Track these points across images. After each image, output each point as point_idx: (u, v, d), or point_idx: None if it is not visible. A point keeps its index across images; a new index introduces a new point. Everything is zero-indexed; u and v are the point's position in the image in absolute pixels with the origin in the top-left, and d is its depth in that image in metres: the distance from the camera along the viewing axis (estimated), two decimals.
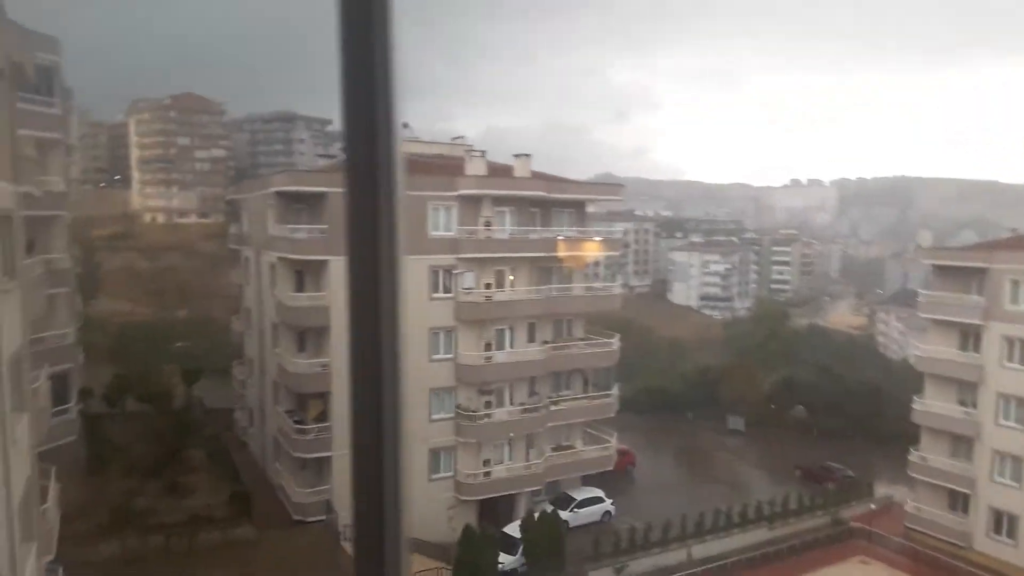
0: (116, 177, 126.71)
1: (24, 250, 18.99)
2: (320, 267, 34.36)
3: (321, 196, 34.27)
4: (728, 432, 56.47)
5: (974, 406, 37.98)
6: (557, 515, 33.73)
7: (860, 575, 35.87)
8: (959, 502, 38.89)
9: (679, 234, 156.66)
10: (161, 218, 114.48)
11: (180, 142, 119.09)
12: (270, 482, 38.17)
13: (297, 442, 34.53)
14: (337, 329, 34.22)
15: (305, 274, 35.58)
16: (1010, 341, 36.50)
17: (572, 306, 39.88)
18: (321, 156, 51.18)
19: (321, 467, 34.84)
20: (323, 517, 33.75)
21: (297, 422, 34.95)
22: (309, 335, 35.68)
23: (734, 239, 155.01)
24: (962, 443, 38.82)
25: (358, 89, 1.21)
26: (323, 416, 34.74)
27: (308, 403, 35.42)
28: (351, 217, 1.25)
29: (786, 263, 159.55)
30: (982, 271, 37.78)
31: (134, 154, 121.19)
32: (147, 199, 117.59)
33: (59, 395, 26.16)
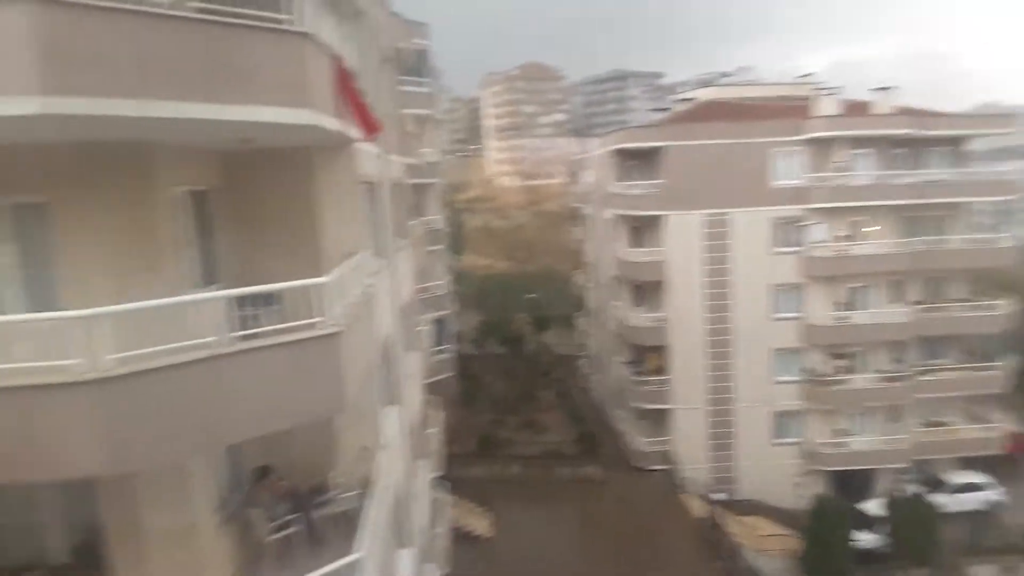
0: (473, 146, 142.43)
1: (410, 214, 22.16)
2: (656, 222, 34.39)
3: (656, 151, 34.11)
4: None
5: None
6: (927, 498, 29.68)
7: None
8: None
9: None
10: (512, 181, 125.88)
11: (526, 110, 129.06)
12: (611, 427, 40.00)
13: (636, 393, 35.54)
14: (674, 284, 34.10)
15: (642, 229, 35.95)
16: None
17: (948, 261, 34.03)
18: (654, 110, 50.88)
19: (660, 418, 35.41)
20: (662, 467, 34.45)
21: (636, 373, 35.92)
22: (646, 289, 36.13)
23: None
24: None
25: None
26: (661, 369, 35.16)
27: (646, 355, 36.10)
28: None
29: None
30: None
31: (487, 124, 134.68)
32: (500, 164, 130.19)
33: (438, 337, 30.60)
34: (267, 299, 7.85)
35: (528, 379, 46.99)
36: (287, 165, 9.54)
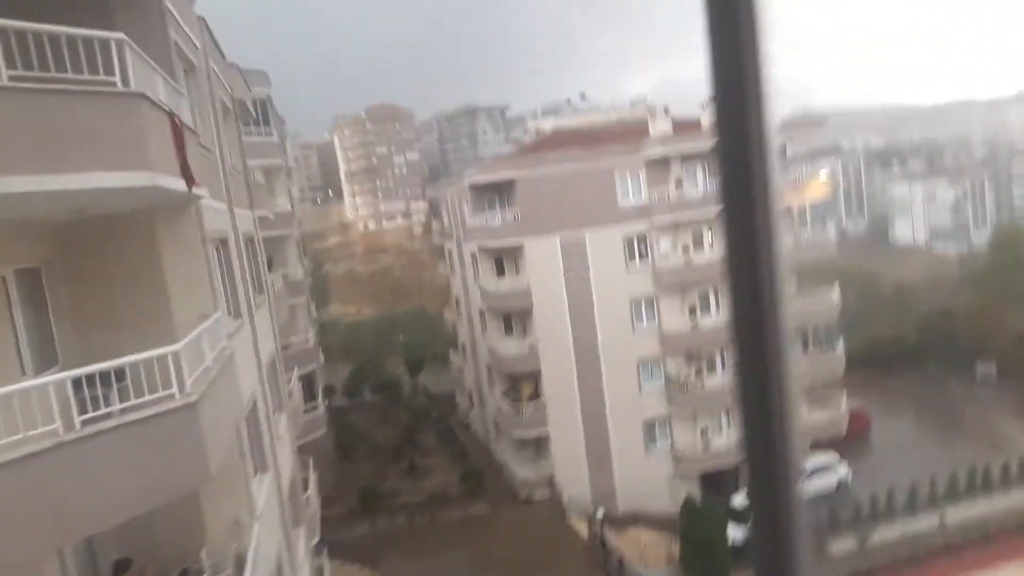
0: (329, 192, 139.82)
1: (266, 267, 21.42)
2: (517, 251, 35.32)
3: (509, 183, 35.17)
4: (977, 382, 50.07)
5: None
6: None
7: None
8: None
9: (895, 164, 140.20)
10: (372, 224, 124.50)
11: (379, 151, 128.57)
12: (494, 462, 40.00)
13: (514, 422, 35.88)
14: (539, 309, 35.03)
15: (504, 259, 36.75)
16: None
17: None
18: (505, 142, 52.44)
19: (540, 445, 35.92)
20: (547, 494, 34.81)
21: (512, 403, 36.28)
22: (514, 318, 36.82)
23: (962, 161, 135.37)
24: None
25: (724, 48, 1.17)
26: (535, 395, 35.75)
27: (520, 384, 36.59)
28: (726, 181, 1.21)
29: None
30: None
31: (342, 168, 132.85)
32: (357, 208, 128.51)
33: (307, 393, 29.45)
34: (118, 375, 7.37)
35: (407, 424, 46.17)
36: (127, 230, 9.03)
